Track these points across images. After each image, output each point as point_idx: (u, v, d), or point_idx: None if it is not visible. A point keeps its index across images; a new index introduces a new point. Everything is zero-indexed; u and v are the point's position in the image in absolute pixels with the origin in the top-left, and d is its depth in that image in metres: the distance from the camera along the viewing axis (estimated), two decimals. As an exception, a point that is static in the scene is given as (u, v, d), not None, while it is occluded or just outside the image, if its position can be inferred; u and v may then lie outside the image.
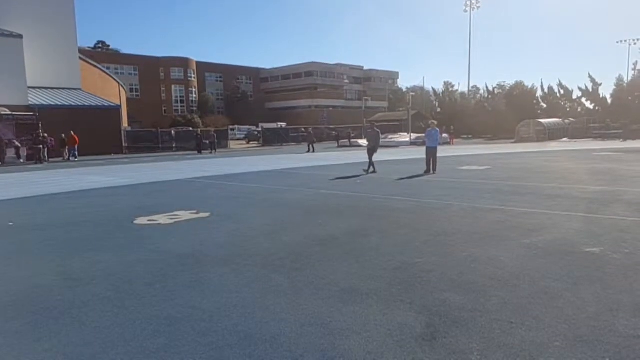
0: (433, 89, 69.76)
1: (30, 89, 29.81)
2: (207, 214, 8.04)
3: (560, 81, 50.41)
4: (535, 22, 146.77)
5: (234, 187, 12.07)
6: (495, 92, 57.55)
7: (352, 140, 41.76)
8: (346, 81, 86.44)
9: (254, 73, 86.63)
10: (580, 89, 48.38)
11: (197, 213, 8.18)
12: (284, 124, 58.99)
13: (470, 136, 50.99)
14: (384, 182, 12.47)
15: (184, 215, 8.03)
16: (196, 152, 33.62)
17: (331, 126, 53.32)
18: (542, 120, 42.30)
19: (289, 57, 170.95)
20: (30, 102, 28.95)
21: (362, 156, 24.88)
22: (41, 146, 25.69)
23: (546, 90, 50.89)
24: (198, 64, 75.67)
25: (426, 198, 9.34)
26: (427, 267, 4.73)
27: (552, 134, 40.71)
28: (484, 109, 53.32)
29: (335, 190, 10.98)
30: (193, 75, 74.75)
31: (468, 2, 58.50)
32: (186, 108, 72.23)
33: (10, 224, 7.65)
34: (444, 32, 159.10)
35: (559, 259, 4.90)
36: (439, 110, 58.93)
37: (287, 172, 16.43)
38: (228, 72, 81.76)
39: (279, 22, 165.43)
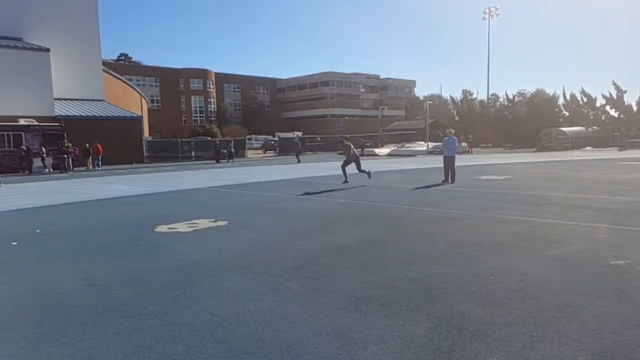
0: (451, 97, 69.44)
1: (57, 101, 30.70)
2: (225, 222, 8.13)
3: (583, 89, 49.23)
4: (556, 29, 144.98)
5: (251, 196, 12.17)
6: (516, 100, 56.92)
7: (366, 149, 41.66)
8: (362, 90, 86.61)
9: (270, 83, 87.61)
10: (604, 96, 47.36)
11: (215, 221, 8.28)
12: (300, 134, 59.33)
13: (489, 145, 50.40)
14: (400, 191, 12.41)
15: (203, 223, 8.13)
16: (214, 161, 34.03)
17: (347, 135, 53.38)
18: (565, 129, 41.56)
19: (305, 68, 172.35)
20: (56, 113, 29.81)
21: (376, 165, 24.86)
22: (66, 156, 26.36)
23: (568, 98, 49.99)
24: (217, 75, 76.95)
25: (444, 208, 9.26)
26: (445, 278, 4.69)
27: (575, 143, 39.93)
28: (504, 118, 52.65)
29: (350, 199, 10.98)
30: (212, 86, 76.01)
31: (486, 10, 58.24)
32: (205, 118, 73.36)
33: (37, 231, 7.87)
34: (462, 40, 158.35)
35: (582, 272, 4.80)
36: (457, 118, 58.41)
37: (303, 181, 16.50)
38: (245, 83, 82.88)
39: (296, 33, 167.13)
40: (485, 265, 5.12)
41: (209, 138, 46.44)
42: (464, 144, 35.88)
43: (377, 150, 41.94)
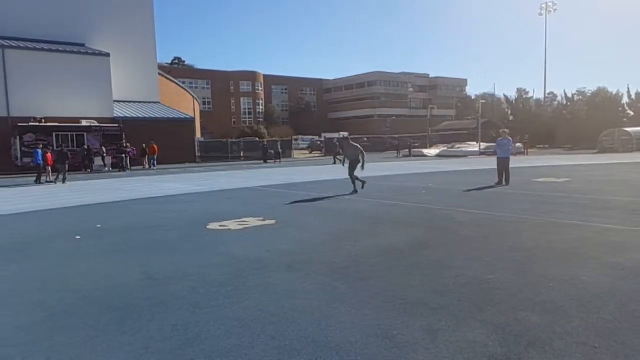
0: (505, 96, 66.96)
1: (116, 103, 32.43)
2: (273, 221, 8.26)
3: (650, 87, 46.28)
4: (618, 24, 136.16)
5: (297, 196, 12.29)
6: (575, 98, 53.99)
7: (413, 149, 40.94)
8: (411, 90, 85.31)
9: (317, 84, 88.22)
10: (674, 94, 44.02)
11: (263, 220, 8.43)
12: (346, 134, 59.23)
13: (546, 146, 48.13)
14: (451, 193, 12.11)
15: (252, 221, 8.31)
16: (262, 161, 34.68)
17: (395, 135, 52.77)
18: (629, 129, 38.88)
19: (353, 68, 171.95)
20: (115, 115, 31.50)
21: (425, 166, 24.40)
22: (124, 155, 27.78)
23: (633, 96, 46.89)
24: (265, 77, 78.49)
25: (498, 211, 8.94)
26: (499, 284, 4.52)
27: (640, 144, 37.36)
28: (562, 117, 50.12)
29: (398, 200, 10.83)
30: (260, 88, 77.67)
31: (543, 5, 55.66)
32: (253, 119, 75.02)
33: (99, 226, 8.34)
34: (517, 37, 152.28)
35: (650, 281, 4.48)
36: (511, 118, 56.24)
37: (348, 181, 16.43)
38: (293, 84, 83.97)
39: (343, 34, 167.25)
40: (542, 271, 4.89)
41: (257, 139, 47.41)
42: (518, 144, 34.48)
43: (425, 151, 41.12)
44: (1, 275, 5.24)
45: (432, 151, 40.99)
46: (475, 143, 40.14)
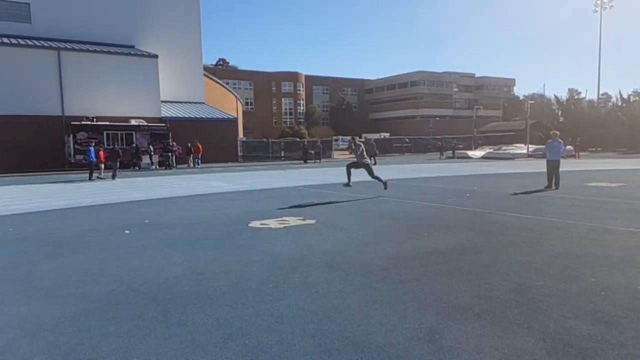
0: (555, 96, 64.09)
1: (163, 103, 33.62)
2: (313, 221, 8.31)
3: None
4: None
5: (337, 196, 12.29)
6: (631, 99, 50.95)
7: (457, 151, 39.95)
8: (455, 90, 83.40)
9: (359, 84, 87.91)
10: None
11: (303, 219, 8.49)
12: (387, 135, 58.72)
13: (598, 149, 45.74)
14: (496, 196, 11.74)
15: (292, 221, 8.39)
16: (302, 161, 34.94)
17: (438, 136, 51.72)
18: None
19: (396, 68, 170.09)
20: (162, 115, 32.66)
21: (470, 168, 23.75)
22: (170, 154, 28.76)
23: (697, 97, 43.72)
24: (306, 77, 79.05)
25: (547, 216, 8.58)
26: (547, 291, 4.34)
27: None
28: (617, 119, 47.39)
29: (441, 203, 10.61)
30: (301, 89, 78.27)
31: (598, 2, 52.91)
32: (294, 119, 75.73)
33: (146, 221, 8.69)
34: (569, 35, 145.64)
35: None
36: (561, 119, 53.75)
37: (390, 182, 16.23)
38: (334, 84, 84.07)
39: (387, 33, 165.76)
40: (594, 279, 4.65)
41: (297, 139, 47.83)
42: (569, 147, 32.97)
43: (470, 153, 40.07)
44: (52, 267, 5.56)
45: (477, 153, 39.87)
46: (522, 145, 38.76)
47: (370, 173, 12.20)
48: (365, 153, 12.45)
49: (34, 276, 5.12)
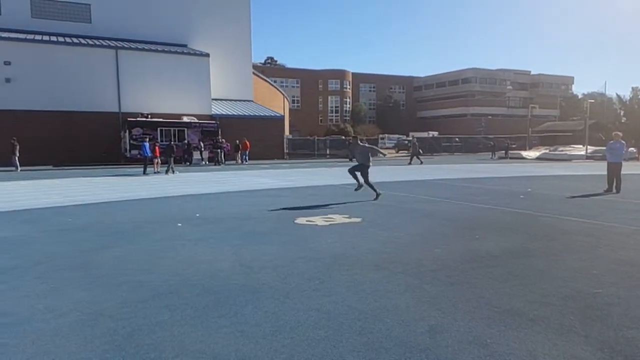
0: (617, 95, 60.41)
1: (213, 101, 34.58)
2: (358, 220, 8.28)
3: None
4: None
5: (384, 195, 12.17)
6: None
7: (510, 151, 38.42)
8: (509, 87, 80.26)
9: (407, 82, 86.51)
10: None
11: (349, 217, 8.48)
12: (435, 133, 57.46)
13: (666, 151, 42.58)
14: (552, 199, 11.22)
15: (338, 218, 8.39)
16: (347, 159, 34.83)
17: (489, 136, 50.01)
18: None
19: (447, 65, 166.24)
20: (212, 112, 33.61)
21: (521, 169, 22.82)
22: (219, 150, 29.57)
23: None
24: (353, 75, 78.74)
25: (607, 221, 8.10)
26: (607, 299, 4.11)
27: None
28: (687, 119, 43.99)
29: (493, 204, 10.27)
30: (348, 86, 78.07)
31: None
32: (340, 117, 75.68)
33: (197, 215, 8.99)
34: (633, 30, 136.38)
35: None
36: (624, 120, 50.64)
37: (439, 182, 15.94)
38: (381, 82, 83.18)
39: (438, 29, 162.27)
40: (663, 290, 4.35)
41: (343, 137, 47.75)
42: (632, 149, 30.95)
43: (524, 153, 38.49)
44: (111, 256, 5.85)
45: (532, 153, 38.22)
46: (581, 146, 36.80)
47: (365, 178, 11.17)
48: (369, 154, 11.29)
49: (93, 264, 5.42)
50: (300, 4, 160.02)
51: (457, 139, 49.22)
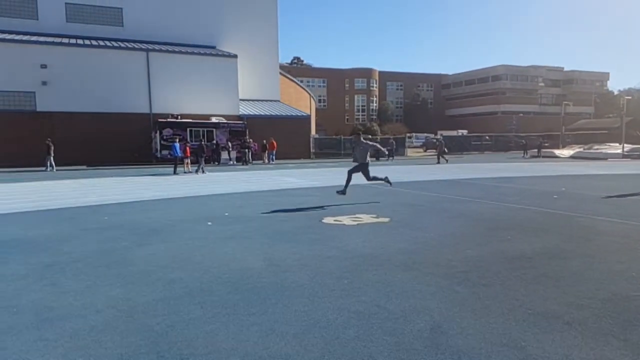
0: (656, 91, 57.84)
1: (240, 101, 35.01)
2: (386, 219, 8.22)
3: None
4: None
5: (411, 195, 12.07)
6: None
7: (543, 150, 37.36)
8: (541, 84, 78.04)
9: (435, 80, 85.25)
10: None
11: (377, 217, 8.43)
12: (464, 132, 56.45)
13: None
14: (587, 199, 10.85)
15: (365, 218, 8.36)
16: (374, 159, 34.62)
17: (521, 134, 48.78)
18: None
19: (476, 62, 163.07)
20: (240, 113, 34.03)
21: (558, 168, 22.14)
22: (247, 150, 29.92)
23: None
24: (380, 73, 78.16)
25: (646, 221, 7.78)
26: (650, 303, 3.95)
27: None
28: None
29: (525, 204, 10.01)
30: (375, 85, 77.55)
31: None
32: (366, 116, 75.26)
33: (226, 214, 9.12)
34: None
35: None
36: (663, 116, 48.44)
37: (467, 182, 15.66)
38: (409, 80, 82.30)
39: (468, 26, 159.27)
40: None
41: (370, 136, 47.46)
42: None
43: (557, 152, 37.40)
44: (144, 253, 6.01)
45: (565, 152, 37.08)
46: (617, 144, 35.48)
47: (367, 176, 11.20)
48: (367, 154, 11.21)
49: (128, 261, 5.58)
50: (327, 2, 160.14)
51: (487, 138, 48.24)
